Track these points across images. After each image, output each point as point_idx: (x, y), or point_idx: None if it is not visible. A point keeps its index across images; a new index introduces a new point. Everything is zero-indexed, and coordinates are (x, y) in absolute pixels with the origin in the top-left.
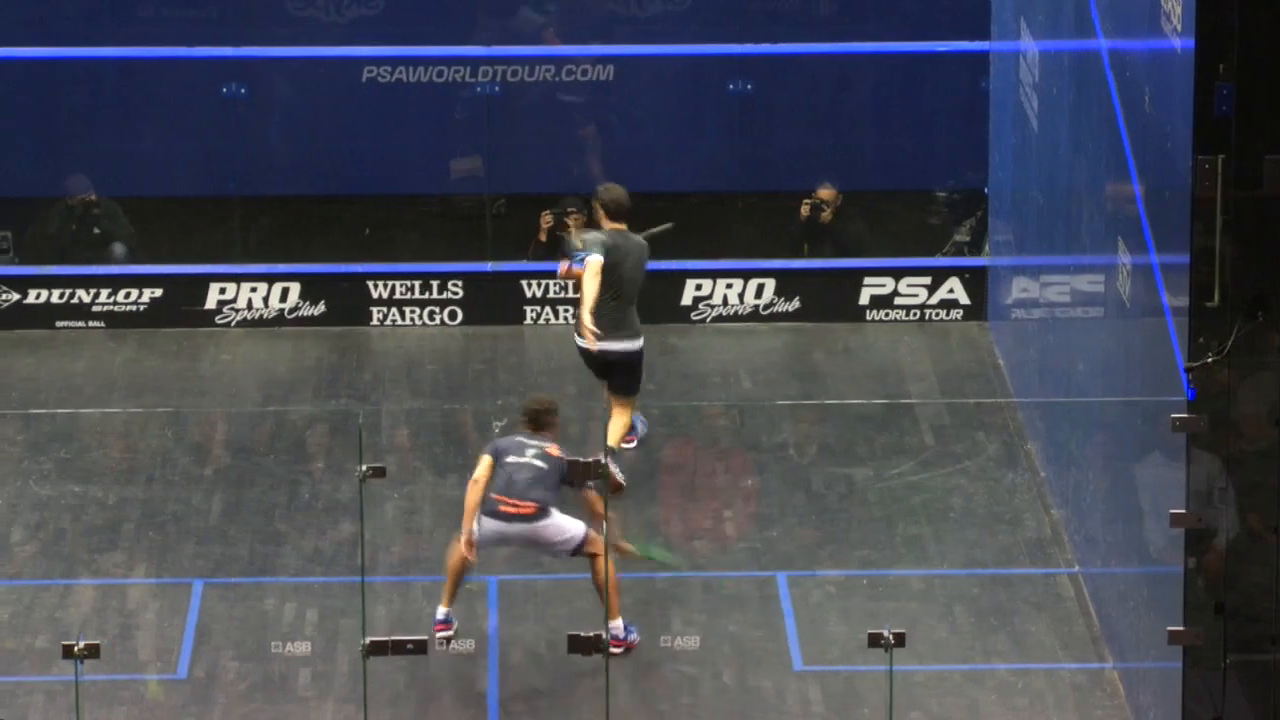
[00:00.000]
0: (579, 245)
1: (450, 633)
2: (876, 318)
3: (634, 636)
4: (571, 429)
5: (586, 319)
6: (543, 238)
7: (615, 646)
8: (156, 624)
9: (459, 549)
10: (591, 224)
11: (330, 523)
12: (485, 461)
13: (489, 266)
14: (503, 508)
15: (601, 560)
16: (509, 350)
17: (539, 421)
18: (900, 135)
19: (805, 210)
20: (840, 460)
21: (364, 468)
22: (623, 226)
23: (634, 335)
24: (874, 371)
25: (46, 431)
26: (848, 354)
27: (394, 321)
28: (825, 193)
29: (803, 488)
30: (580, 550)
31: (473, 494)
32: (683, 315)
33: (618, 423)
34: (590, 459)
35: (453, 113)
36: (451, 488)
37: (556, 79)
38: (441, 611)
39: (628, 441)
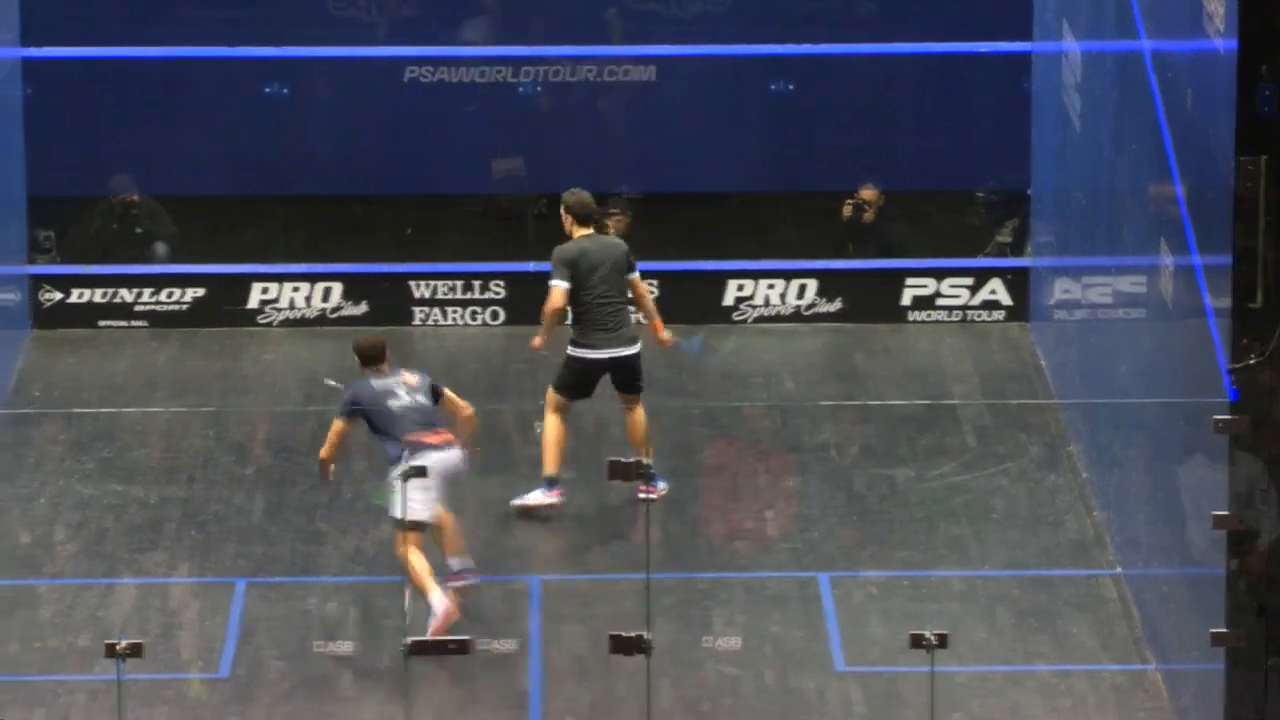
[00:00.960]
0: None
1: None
2: (918, 318)
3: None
4: (612, 429)
5: (538, 342)
6: None
7: (453, 580)
8: (199, 623)
9: (412, 547)
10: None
11: (372, 522)
12: (339, 427)
13: (530, 266)
14: (433, 440)
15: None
16: (550, 350)
17: (379, 356)
18: (942, 136)
19: (848, 211)
20: (882, 461)
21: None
22: (590, 231)
23: (633, 339)
24: (916, 372)
25: (89, 431)
26: (889, 355)
27: (436, 321)
28: (868, 193)
29: (844, 488)
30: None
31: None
32: (724, 316)
33: (642, 417)
34: (631, 460)
35: (469, 106)
36: (493, 488)
37: (598, 79)
38: (460, 563)
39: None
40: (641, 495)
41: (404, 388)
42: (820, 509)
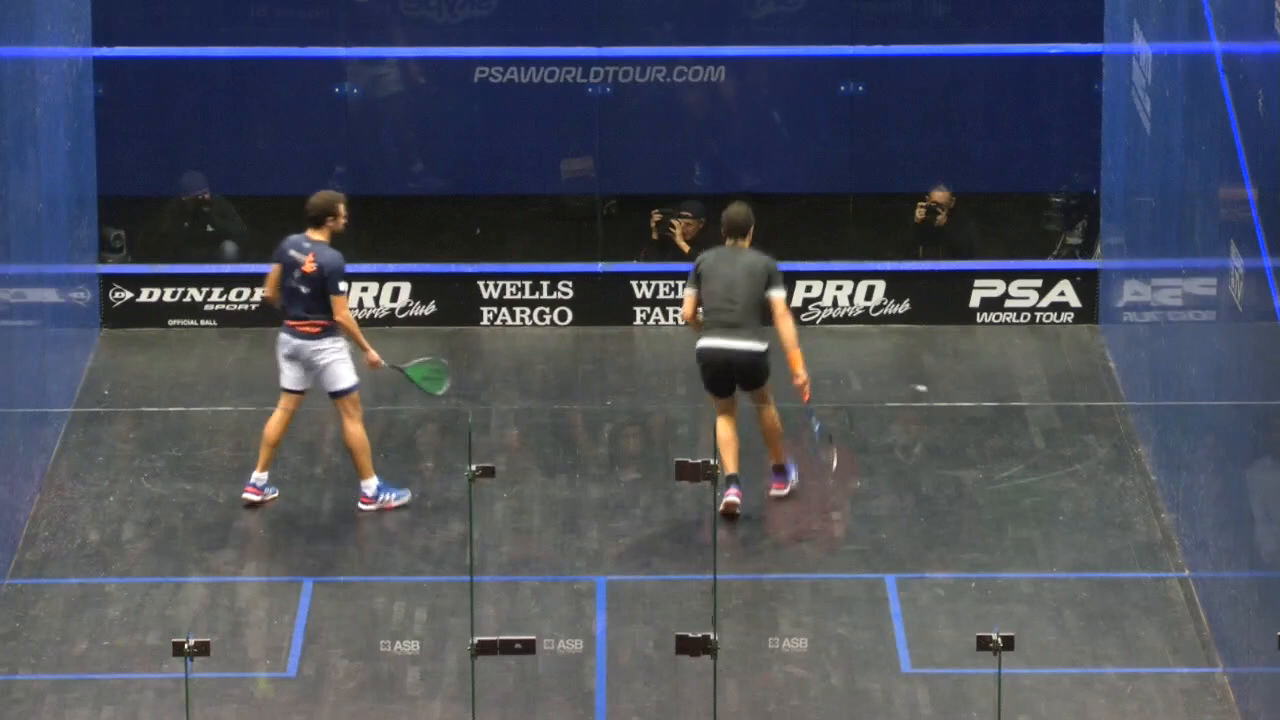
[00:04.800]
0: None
1: (259, 497)
2: (987, 320)
3: (389, 496)
4: (680, 430)
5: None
6: (654, 236)
7: (365, 504)
8: (266, 622)
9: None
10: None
11: (439, 522)
12: (277, 269)
13: (599, 267)
14: (304, 328)
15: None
16: (618, 351)
17: (317, 219)
18: (1012, 137)
19: (921, 213)
20: (950, 463)
21: (473, 467)
22: (739, 242)
23: (748, 337)
24: (984, 374)
25: (158, 430)
26: (958, 356)
27: (504, 322)
28: (940, 195)
29: (912, 490)
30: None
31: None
32: (793, 316)
33: (771, 412)
34: (699, 460)
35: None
36: (561, 488)
37: (668, 80)
38: (259, 477)
39: (778, 488)
40: (773, 492)
41: (299, 271)
42: (887, 510)
